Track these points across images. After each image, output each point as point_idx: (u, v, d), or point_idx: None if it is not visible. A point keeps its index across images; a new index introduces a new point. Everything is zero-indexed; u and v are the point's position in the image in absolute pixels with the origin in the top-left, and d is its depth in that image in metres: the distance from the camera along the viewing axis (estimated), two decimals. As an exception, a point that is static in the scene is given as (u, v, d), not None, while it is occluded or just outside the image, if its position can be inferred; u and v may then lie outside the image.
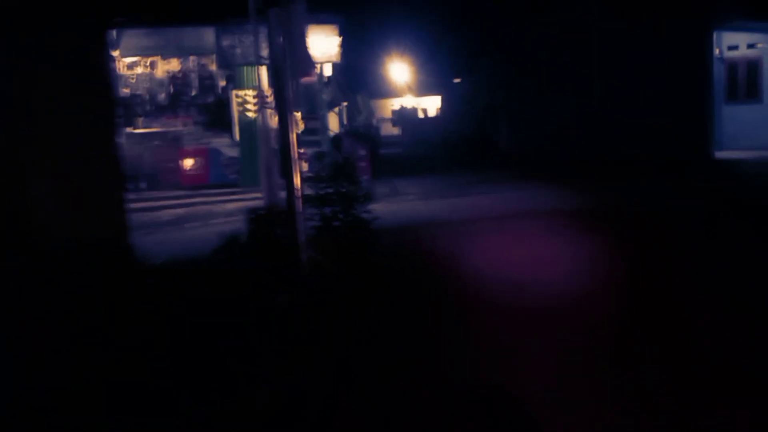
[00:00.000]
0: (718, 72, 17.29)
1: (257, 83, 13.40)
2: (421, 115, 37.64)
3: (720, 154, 16.26)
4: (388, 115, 41.94)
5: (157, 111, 14.43)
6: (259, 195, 10.14)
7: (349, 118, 32.43)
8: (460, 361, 4.58)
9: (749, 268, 6.41)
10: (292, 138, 6.96)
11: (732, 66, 18.10)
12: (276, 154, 14.25)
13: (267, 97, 13.52)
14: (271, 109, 13.63)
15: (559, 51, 17.12)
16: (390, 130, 39.17)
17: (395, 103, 41.56)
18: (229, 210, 12.05)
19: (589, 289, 5.94)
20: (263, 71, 13.69)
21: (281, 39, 7.03)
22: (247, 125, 13.28)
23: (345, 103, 30.64)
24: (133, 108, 14.24)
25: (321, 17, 13.24)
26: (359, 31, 30.21)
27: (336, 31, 13.85)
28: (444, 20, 23.71)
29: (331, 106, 27.20)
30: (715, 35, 16.74)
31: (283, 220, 6.99)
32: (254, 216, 7.43)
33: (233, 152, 13.88)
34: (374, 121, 39.63)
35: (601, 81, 16.57)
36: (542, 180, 14.11)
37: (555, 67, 17.31)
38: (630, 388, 3.98)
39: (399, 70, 37.46)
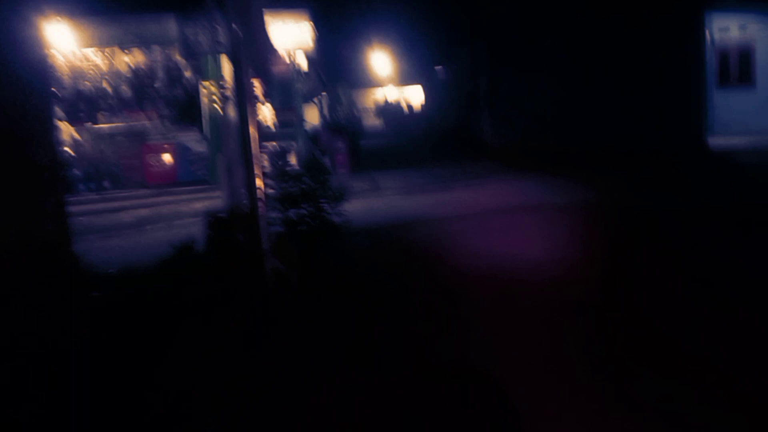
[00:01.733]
0: (709, 56, 16.63)
1: (222, 73, 12.63)
2: (404, 105, 36.90)
3: (712, 141, 15.63)
4: (371, 105, 41.18)
5: (120, 105, 13.54)
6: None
7: (329, 109, 31.63)
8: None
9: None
10: (253, 132, 6.18)
11: (723, 50, 17.47)
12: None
13: (228, 89, 12.74)
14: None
15: (543, 37, 16.37)
16: (373, 121, 38.44)
17: (378, 94, 40.75)
18: (197, 209, 11.20)
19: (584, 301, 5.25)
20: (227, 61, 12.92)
21: (238, 24, 6.30)
22: (216, 119, 12.46)
23: (324, 94, 29.83)
24: (94, 102, 13.36)
25: (290, 2, 12.43)
26: (337, 19, 29.35)
27: (307, 17, 13.02)
28: (424, 5, 22.92)
29: (309, 97, 26.42)
30: (705, 18, 16.08)
31: (245, 225, 6.25)
32: (213, 220, 6.67)
33: (202, 148, 13.05)
34: (356, 112, 38.91)
35: (587, 67, 15.84)
36: (527, 172, 13.41)
37: (539, 53, 16.58)
38: None
39: (380, 59, 36.64)
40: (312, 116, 26.42)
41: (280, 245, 5.77)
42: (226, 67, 11.88)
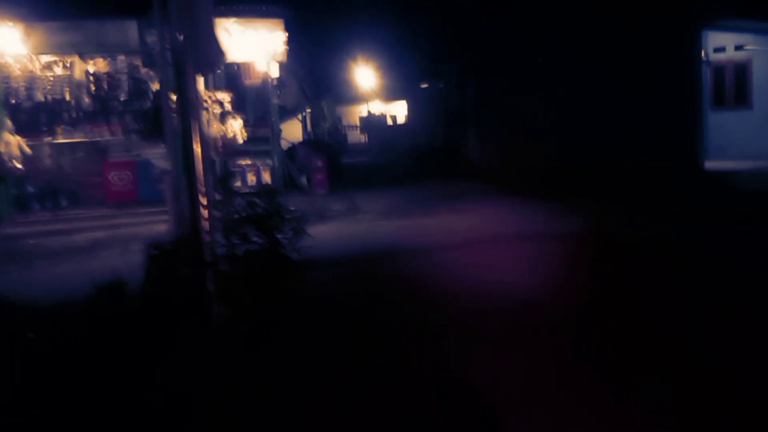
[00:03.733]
0: (704, 76, 15.95)
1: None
2: (389, 121, 36.11)
3: (708, 165, 14.90)
4: (356, 121, 40.39)
5: (81, 118, 12.60)
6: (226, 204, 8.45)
7: (313, 125, 30.81)
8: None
9: None
10: (197, 150, 5.32)
11: (718, 69, 16.81)
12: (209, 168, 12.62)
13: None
14: (208, 112, 12.01)
15: (533, 53, 15.65)
16: (358, 137, 37.67)
17: (363, 109, 39.96)
18: (158, 232, 10.27)
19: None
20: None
21: (182, 28, 5.47)
22: (180, 134, 11.56)
23: (309, 110, 29.03)
24: (52, 114, 12.42)
25: (262, 9, 11.60)
26: (322, 34, 28.66)
27: (281, 26, 12.18)
28: (410, 21, 22.22)
29: (293, 112, 25.60)
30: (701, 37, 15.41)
31: (190, 259, 5.35)
32: (154, 252, 5.75)
33: (168, 165, 12.10)
34: (340, 128, 38.10)
35: (579, 85, 15.10)
36: (515, 195, 12.61)
37: (528, 70, 15.85)
38: None
39: (366, 74, 35.92)
40: (295, 132, 25.62)
41: (228, 285, 4.88)
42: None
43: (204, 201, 5.15)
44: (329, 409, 3.79)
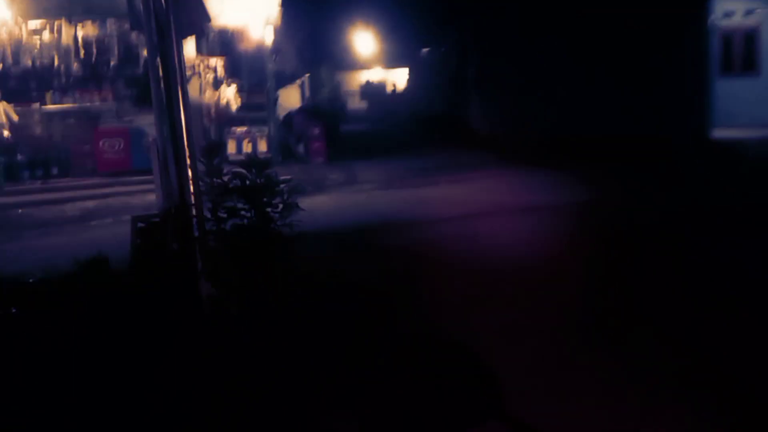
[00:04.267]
0: (712, 42, 15.50)
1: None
2: (390, 88, 35.59)
3: (716, 133, 14.56)
4: (356, 88, 39.85)
5: (71, 84, 12.21)
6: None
7: (312, 91, 30.34)
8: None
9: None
10: (182, 118, 4.99)
11: (727, 36, 16.34)
12: (204, 134, 12.27)
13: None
14: (200, 77, 11.64)
15: (537, 18, 15.17)
16: (358, 104, 37.21)
17: (363, 76, 39.38)
18: (150, 202, 9.97)
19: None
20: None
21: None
22: (174, 101, 11.22)
23: (308, 76, 28.54)
24: (41, 81, 12.03)
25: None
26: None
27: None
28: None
29: (291, 79, 25.13)
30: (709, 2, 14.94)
31: (179, 233, 5.07)
32: (142, 226, 5.46)
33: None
34: (340, 95, 37.62)
35: (583, 51, 14.65)
36: (519, 164, 12.28)
37: (531, 34, 15.38)
38: None
39: (365, 39, 35.34)
40: (293, 98, 25.17)
41: (216, 263, 4.60)
42: (187, 43, 10.65)
43: (190, 173, 4.85)
44: (325, 406, 3.55)
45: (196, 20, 5.04)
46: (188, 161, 4.93)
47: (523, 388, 3.55)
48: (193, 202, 4.88)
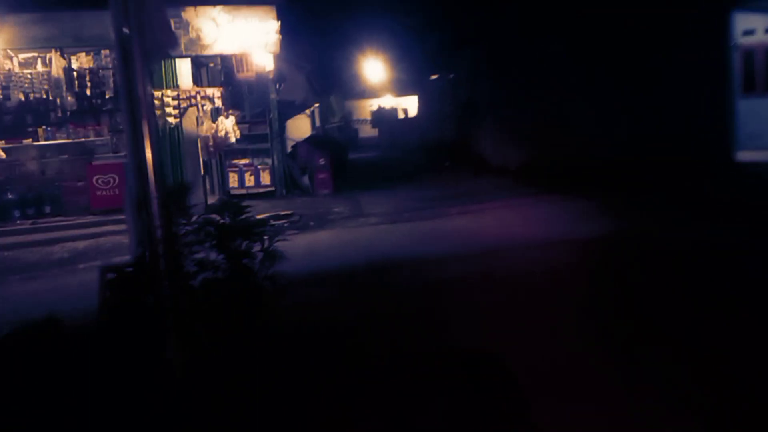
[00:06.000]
0: (733, 61, 14.83)
1: (176, 80, 10.87)
2: (401, 115, 35.14)
3: (740, 156, 13.81)
4: (367, 116, 39.50)
5: (64, 118, 11.75)
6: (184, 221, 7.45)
7: (322, 120, 29.97)
8: None
9: None
10: (148, 155, 4.41)
11: (748, 54, 15.66)
12: (205, 168, 11.72)
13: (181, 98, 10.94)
14: (197, 108, 11.09)
15: (550, 40, 14.59)
16: (369, 131, 36.84)
17: (374, 104, 39.01)
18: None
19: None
20: (183, 65, 11.15)
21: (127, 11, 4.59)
22: (168, 133, 10.72)
23: (317, 105, 28.20)
24: (33, 115, 11.58)
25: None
26: (330, 27, 27.78)
27: (273, 14, 11.25)
28: (420, 8, 21.22)
29: (301, 108, 24.74)
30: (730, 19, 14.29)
31: (149, 287, 4.46)
32: (112, 277, 4.86)
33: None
34: (352, 123, 37.25)
35: (600, 74, 14.03)
36: (532, 192, 11.65)
37: (544, 59, 14.80)
38: None
39: (376, 67, 34.98)
40: (303, 128, 24.76)
41: (187, 323, 3.97)
42: (185, 73, 10.17)
43: (157, 220, 4.25)
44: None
45: (161, 44, 4.49)
46: (155, 204, 4.34)
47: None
48: (161, 252, 4.28)
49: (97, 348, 4.44)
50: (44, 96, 11.55)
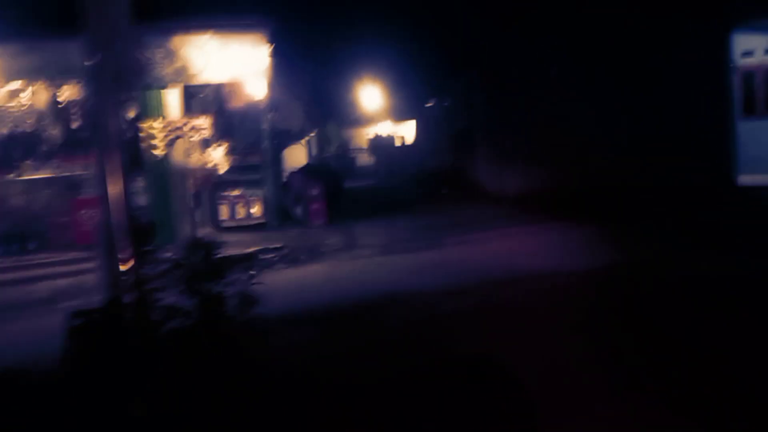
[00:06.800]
0: (732, 83, 14.58)
1: (164, 110, 10.61)
2: (398, 142, 34.92)
3: (742, 180, 13.51)
4: (363, 144, 39.31)
5: (51, 151, 11.47)
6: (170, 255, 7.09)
7: (319, 149, 29.78)
8: None
9: None
10: (115, 188, 4.13)
11: (748, 75, 15.41)
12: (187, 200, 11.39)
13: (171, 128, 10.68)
14: (186, 139, 10.81)
15: (545, 64, 14.39)
16: (364, 160, 36.60)
17: (369, 131, 38.83)
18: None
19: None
20: (170, 95, 10.90)
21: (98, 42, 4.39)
22: (155, 165, 10.43)
23: (313, 134, 28.03)
24: (18, 148, 11.29)
25: (239, 22, 10.44)
26: (325, 56, 27.67)
27: (263, 40, 11.01)
28: (414, 36, 21.07)
29: (297, 137, 24.53)
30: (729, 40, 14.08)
31: (115, 336, 4.12)
32: (78, 323, 4.51)
33: (144, 200, 10.93)
34: (349, 151, 37.07)
35: (598, 98, 13.80)
36: (532, 221, 11.33)
37: (540, 83, 14.59)
38: None
39: (372, 95, 34.85)
40: (299, 157, 24.52)
41: (151, 377, 3.62)
42: (173, 103, 9.91)
43: (121, 263, 3.94)
44: None
45: (132, 76, 4.23)
46: (123, 244, 4.03)
47: None
48: (128, 298, 3.96)
49: (58, 402, 4.11)
50: (31, 129, 11.28)
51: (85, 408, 3.86)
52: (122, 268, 4.07)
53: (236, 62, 11.04)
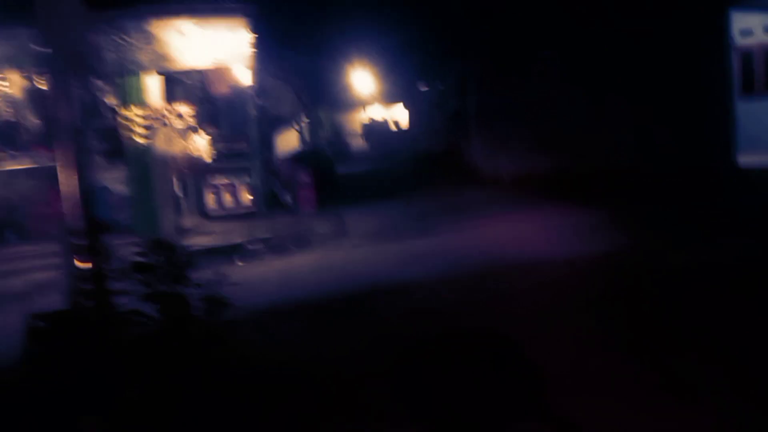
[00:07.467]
0: (731, 62, 14.25)
1: (145, 97, 10.25)
2: (392, 126, 34.53)
3: (741, 159, 13.22)
4: (356, 128, 38.93)
5: (30, 141, 11.11)
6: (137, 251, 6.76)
7: (311, 134, 29.40)
8: None
9: None
10: (72, 184, 3.84)
11: (746, 54, 15.12)
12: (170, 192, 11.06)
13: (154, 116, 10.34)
14: (168, 127, 10.47)
15: (541, 46, 14.06)
16: (358, 144, 36.24)
17: (363, 115, 38.42)
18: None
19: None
20: (151, 81, 10.54)
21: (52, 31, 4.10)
22: (137, 155, 10.08)
23: (306, 119, 27.65)
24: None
25: (220, 7, 10.06)
26: (316, 40, 27.22)
27: (245, 25, 10.62)
28: (407, 18, 20.68)
29: (289, 122, 24.15)
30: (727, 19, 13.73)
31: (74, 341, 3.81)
32: (39, 326, 4.20)
33: (126, 189, 10.58)
34: (342, 136, 36.67)
35: (593, 79, 13.49)
36: (525, 205, 11.05)
37: (536, 65, 14.26)
38: None
39: (365, 78, 34.40)
40: (293, 142, 24.15)
41: (110, 386, 3.32)
42: (154, 90, 9.57)
43: (78, 262, 3.63)
44: None
45: (87, 64, 3.94)
46: (75, 245, 3.72)
47: None
48: (86, 301, 3.65)
49: (15, 405, 3.81)
50: (8, 119, 10.91)
51: (36, 418, 3.58)
52: (81, 266, 3.77)
53: (221, 47, 10.66)
